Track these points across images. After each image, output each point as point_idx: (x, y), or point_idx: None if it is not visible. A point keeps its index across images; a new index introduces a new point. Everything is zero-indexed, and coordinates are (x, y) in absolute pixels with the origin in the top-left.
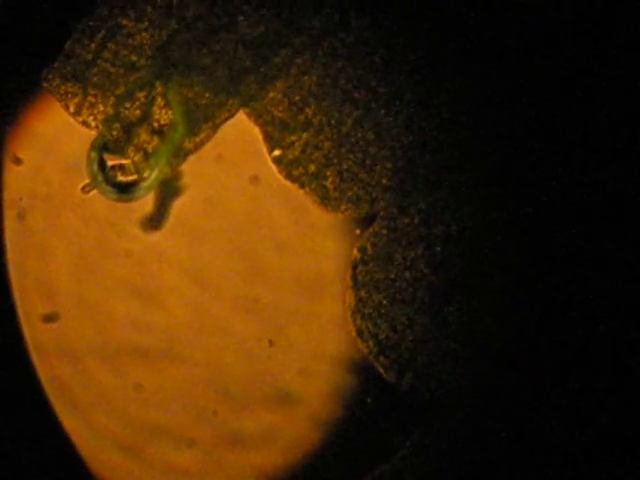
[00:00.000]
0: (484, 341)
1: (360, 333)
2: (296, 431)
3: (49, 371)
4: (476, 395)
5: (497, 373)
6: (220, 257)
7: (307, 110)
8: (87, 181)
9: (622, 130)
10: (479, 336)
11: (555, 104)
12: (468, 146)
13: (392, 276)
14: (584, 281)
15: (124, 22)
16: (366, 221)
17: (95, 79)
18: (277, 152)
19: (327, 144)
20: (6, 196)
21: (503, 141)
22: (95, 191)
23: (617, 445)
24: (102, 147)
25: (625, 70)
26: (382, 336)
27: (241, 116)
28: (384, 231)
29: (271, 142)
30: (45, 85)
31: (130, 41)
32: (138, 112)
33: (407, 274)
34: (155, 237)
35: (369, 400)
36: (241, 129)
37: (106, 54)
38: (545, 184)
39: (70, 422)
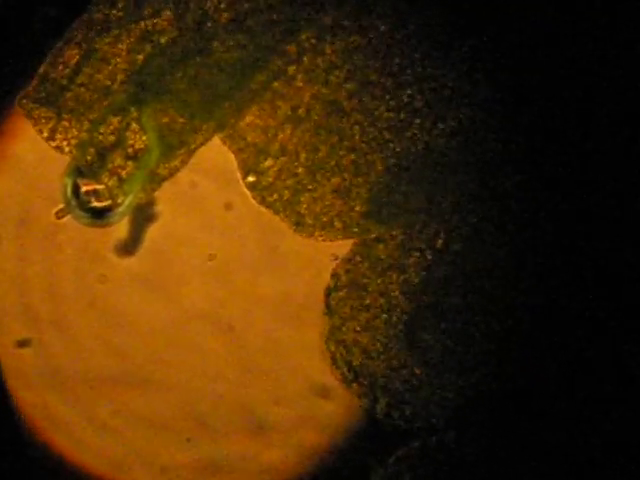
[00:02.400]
0: (459, 368)
1: (334, 360)
2: (271, 458)
3: (22, 397)
4: (451, 422)
5: (473, 400)
6: (195, 283)
7: (282, 136)
8: (61, 206)
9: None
10: (454, 363)
11: (543, 133)
12: (444, 172)
13: (366, 303)
14: (562, 307)
15: (99, 46)
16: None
17: (69, 104)
18: (251, 178)
19: (302, 170)
20: None
21: (481, 166)
22: (69, 216)
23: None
24: (76, 172)
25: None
26: (356, 362)
27: (216, 141)
28: (358, 258)
29: (245, 168)
30: (19, 109)
31: (105, 66)
32: (112, 137)
33: (381, 301)
34: (129, 262)
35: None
36: (215, 154)
37: (81, 78)
38: (527, 210)
39: (42, 448)
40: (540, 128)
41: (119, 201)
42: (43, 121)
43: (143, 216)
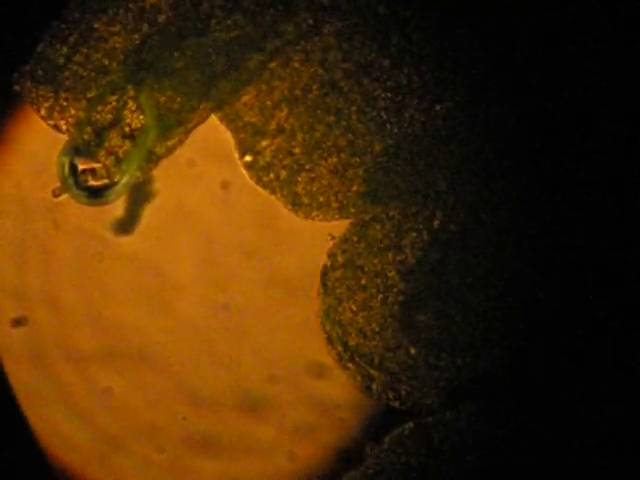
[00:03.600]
0: (455, 348)
1: (330, 339)
2: (266, 436)
3: (18, 375)
4: (447, 403)
5: (469, 380)
6: (191, 261)
7: (279, 115)
8: (58, 185)
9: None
10: (449, 344)
11: (540, 115)
12: (441, 152)
13: (362, 283)
14: (557, 289)
15: (96, 26)
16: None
17: (67, 82)
18: (248, 157)
19: (299, 150)
20: None
21: (479, 146)
22: (66, 195)
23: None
24: (73, 151)
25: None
26: (352, 342)
27: (213, 121)
28: (355, 238)
29: (242, 147)
30: (16, 88)
31: (102, 45)
32: (110, 116)
33: (377, 281)
34: (126, 241)
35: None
36: (213, 134)
37: (78, 57)
38: (524, 191)
39: (38, 425)
40: (539, 108)
41: (116, 180)
42: (40, 100)
43: (140, 195)
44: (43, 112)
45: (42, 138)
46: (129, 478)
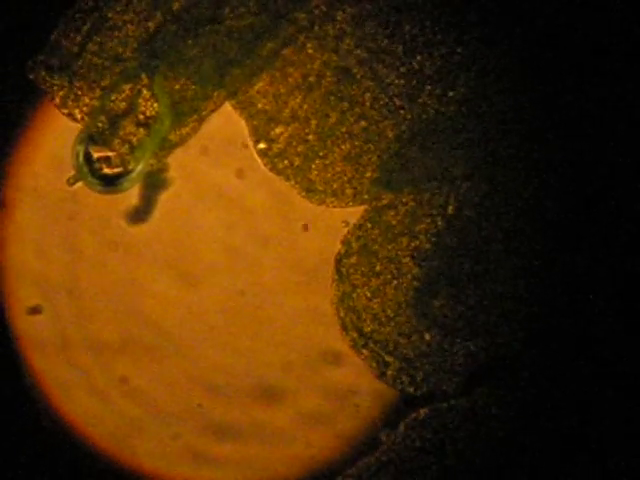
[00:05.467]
0: (470, 334)
1: (344, 326)
2: (281, 424)
3: (34, 363)
4: (462, 388)
5: (483, 367)
6: (205, 250)
7: (293, 102)
8: (72, 173)
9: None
10: (464, 329)
11: (553, 101)
12: (455, 139)
13: (377, 269)
14: (572, 274)
15: (109, 14)
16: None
17: (81, 71)
18: (262, 145)
19: (313, 137)
20: None
21: (492, 132)
22: (80, 183)
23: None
24: (88, 139)
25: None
26: (366, 329)
27: (227, 108)
28: (369, 224)
29: (256, 134)
30: (30, 77)
31: (116, 33)
32: (124, 104)
33: (392, 267)
34: (141, 229)
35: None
36: (227, 121)
37: (92, 46)
38: (537, 177)
39: (52, 414)
40: (555, 95)
41: (130, 168)
42: (55, 88)
43: (154, 183)
44: (57, 101)
45: (57, 127)
46: (146, 464)
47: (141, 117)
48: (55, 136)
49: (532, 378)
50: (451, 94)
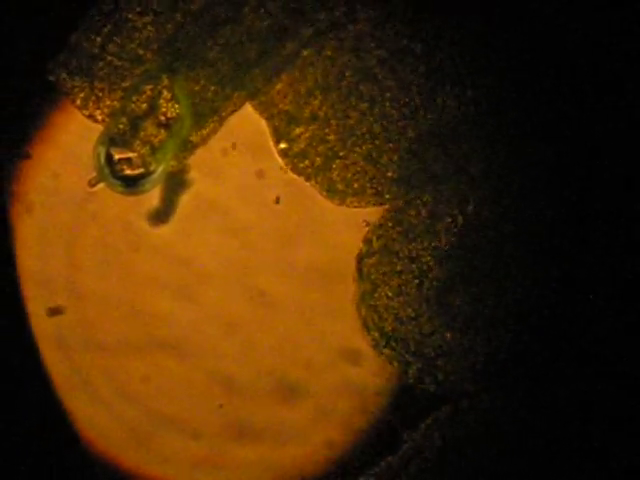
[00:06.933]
0: (490, 333)
1: (366, 325)
2: (302, 423)
3: (54, 363)
4: (483, 387)
5: (504, 365)
6: (227, 250)
7: (313, 103)
8: (94, 174)
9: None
10: (485, 328)
11: (565, 100)
12: (474, 138)
13: (398, 268)
14: (589, 273)
15: (130, 16)
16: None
17: (101, 73)
18: (283, 145)
19: (333, 137)
20: (15, 190)
21: (511, 132)
22: (102, 185)
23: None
24: (109, 141)
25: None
26: (388, 328)
27: (247, 109)
28: (390, 223)
29: (277, 135)
30: (51, 79)
31: (136, 34)
32: (145, 105)
33: (413, 266)
34: (162, 230)
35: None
36: (247, 122)
37: (112, 48)
38: (552, 178)
39: (77, 409)
40: (573, 94)
41: (152, 169)
42: (76, 90)
43: (175, 184)
44: (78, 102)
45: (78, 129)
46: (166, 465)
47: (162, 118)
48: (76, 138)
49: (553, 375)
50: (470, 93)
